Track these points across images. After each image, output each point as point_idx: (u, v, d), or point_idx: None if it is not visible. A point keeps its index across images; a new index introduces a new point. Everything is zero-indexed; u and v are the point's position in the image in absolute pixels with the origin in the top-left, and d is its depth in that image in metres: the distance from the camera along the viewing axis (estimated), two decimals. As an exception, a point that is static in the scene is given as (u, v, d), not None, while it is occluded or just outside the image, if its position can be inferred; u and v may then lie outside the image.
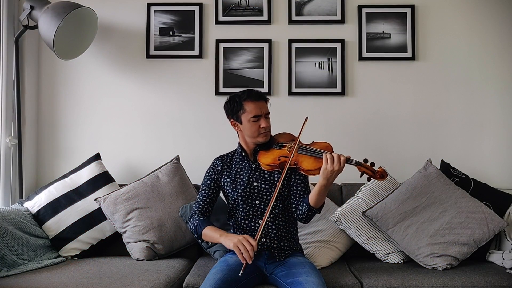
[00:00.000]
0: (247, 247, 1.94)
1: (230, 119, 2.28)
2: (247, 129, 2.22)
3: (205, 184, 2.30)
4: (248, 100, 2.20)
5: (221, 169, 2.31)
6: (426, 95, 3.06)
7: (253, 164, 2.27)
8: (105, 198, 2.66)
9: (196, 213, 2.22)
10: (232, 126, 2.29)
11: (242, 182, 2.25)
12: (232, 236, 2.03)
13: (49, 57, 3.10)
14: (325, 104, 3.06)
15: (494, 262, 2.45)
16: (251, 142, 2.26)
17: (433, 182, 2.58)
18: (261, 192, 2.22)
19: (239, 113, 2.22)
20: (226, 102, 2.28)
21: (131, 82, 3.11)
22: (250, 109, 2.19)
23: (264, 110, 2.22)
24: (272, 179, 2.24)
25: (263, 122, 2.20)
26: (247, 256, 1.93)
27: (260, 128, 2.20)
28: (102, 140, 3.09)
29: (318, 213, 2.17)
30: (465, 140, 3.04)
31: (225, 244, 2.03)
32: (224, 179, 2.29)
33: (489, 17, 3.06)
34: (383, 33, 3.07)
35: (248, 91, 2.24)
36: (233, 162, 2.32)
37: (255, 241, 1.97)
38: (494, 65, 3.05)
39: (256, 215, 2.22)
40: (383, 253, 2.52)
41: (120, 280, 2.11)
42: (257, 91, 2.25)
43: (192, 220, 2.21)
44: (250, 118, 2.19)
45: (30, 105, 3.04)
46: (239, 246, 1.95)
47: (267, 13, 3.09)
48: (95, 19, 2.91)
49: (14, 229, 2.40)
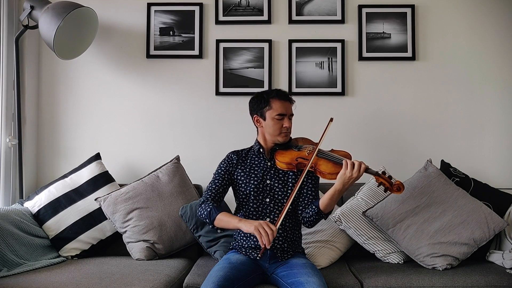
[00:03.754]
0: (268, 231, 1.95)
1: (254, 115, 2.31)
2: (270, 126, 2.24)
3: (218, 174, 2.30)
4: (276, 98, 2.25)
5: (236, 163, 2.31)
6: (426, 95, 3.06)
7: (269, 162, 2.29)
8: (105, 198, 2.66)
9: (208, 200, 2.22)
10: (254, 122, 2.32)
11: (256, 177, 2.26)
12: (251, 220, 2.04)
13: (49, 57, 3.10)
14: (325, 104, 3.06)
15: (494, 262, 2.45)
16: (270, 140, 2.28)
17: (433, 182, 2.58)
18: (273, 191, 2.23)
19: (264, 109, 2.25)
20: (252, 98, 2.32)
21: (131, 82, 3.11)
22: (276, 106, 2.23)
23: (289, 110, 2.26)
24: (286, 179, 2.25)
25: (286, 122, 2.23)
26: (266, 240, 1.95)
27: (282, 127, 2.23)
28: (102, 140, 3.09)
29: (324, 219, 2.19)
30: (465, 140, 3.04)
31: (245, 228, 2.02)
32: (238, 172, 2.29)
33: (489, 17, 3.06)
34: (383, 33, 3.07)
35: (277, 90, 2.29)
36: (248, 157, 2.33)
37: (276, 227, 1.98)
38: (494, 65, 3.05)
39: (265, 213, 2.22)
40: (383, 253, 2.52)
41: (120, 280, 2.11)
42: (285, 91, 2.30)
43: (204, 206, 2.19)
44: (274, 116, 2.23)
45: (30, 105, 3.04)
46: (260, 230, 1.96)
47: (267, 13, 3.09)
48: (95, 19, 2.91)
49: (14, 229, 2.40)
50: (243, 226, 2.04)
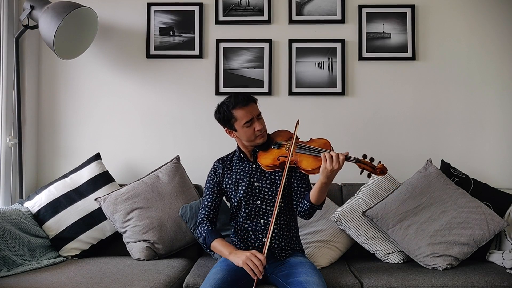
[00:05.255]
0: (256, 263, 1.96)
1: (224, 128, 2.24)
2: (243, 135, 2.19)
3: (208, 189, 2.29)
4: (236, 107, 2.15)
5: (222, 172, 2.29)
6: (426, 95, 3.06)
7: (253, 164, 2.27)
8: (105, 198, 2.66)
9: (203, 221, 2.21)
10: (228, 134, 2.26)
11: (243, 182, 2.24)
12: (240, 253, 2.03)
13: (49, 57, 3.10)
14: (325, 104, 3.06)
15: (494, 262, 2.45)
16: (249, 145, 2.24)
17: (433, 182, 2.58)
18: (262, 192, 2.22)
19: (231, 122, 2.18)
20: (215, 112, 2.23)
21: (131, 82, 3.11)
22: (240, 116, 2.15)
23: (255, 112, 2.17)
24: (273, 178, 2.24)
25: (257, 125, 2.16)
26: (257, 271, 1.95)
27: (255, 131, 2.16)
28: (102, 140, 3.09)
29: (319, 209, 2.16)
30: (465, 140, 3.04)
31: (234, 262, 2.04)
32: (226, 181, 2.28)
33: (489, 17, 3.06)
34: (383, 33, 3.07)
35: (234, 97, 2.17)
36: (233, 163, 2.31)
37: (263, 256, 1.98)
38: (494, 65, 3.05)
39: (257, 216, 2.21)
40: (383, 253, 2.52)
41: (120, 280, 2.11)
42: (243, 94, 2.18)
43: (200, 229, 2.19)
44: (243, 125, 2.16)
45: (30, 105, 3.04)
46: (248, 263, 1.97)
47: (267, 13, 3.09)
48: (95, 19, 2.91)
49: (14, 229, 2.40)
50: (232, 260, 2.05)
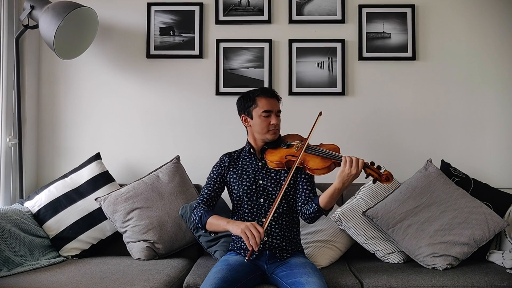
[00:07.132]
0: (255, 234, 1.94)
1: (241, 114, 2.30)
2: (257, 125, 2.23)
3: (211, 179, 2.31)
4: (261, 95, 2.25)
5: (228, 165, 2.31)
6: (426, 95, 3.06)
7: (260, 162, 2.28)
8: (105, 198, 2.66)
9: (200, 205, 2.24)
10: (243, 122, 2.31)
11: (248, 178, 2.25)
12: (239, 222, 2.04)
13: (50, 57, 3.10)
14: (325, 104, 3.06)
15: (494, 262, 2.45)
16: (259, 138, 2.27)
17: (433, 182, 2.58)
18: (266, 191, 2.23)
19: (251, 108, 2.25)
20: (239, 98, 2.32)
21: (132, 82, 3.11)
22: (262, 104, 2.23)
23: (276, 107, 2.25)
24: (278, 178, 2.25)
25: (274, 119, 2.22)
26: (253, 242, 1.93)
27: (270, 124, 2.22)
28: (102, 140, 3.09)
29: (325, 215, 2.17)
30: (465, 140, 3.04)
31: (232, 230, 2.02)
32: (231, 175, 2.29)
33: (489, 17, 3.06)
34: (384, 33, 3.07)
35: (262, 88, 2.31)
36: (240, 159, 2.33)
37: (263, 229, 1.97)
38: (494, 65, 3.05)
39: (260, 213, 2.22)
40: (383, 253, 2.52)
41: (120, 280, 2.11)
42: (271, 88, 2.32)
43: (196, 211, 2.21)
44: (261, 113, 2.22)
45: (30, 105, 3.04)
46: (246, 232, 1.95)
47: (267, 13, 3.09)
48: (96, 19, 2.91)
49: (14, 228, 2.40)
50: (231, 228, 2.04)
